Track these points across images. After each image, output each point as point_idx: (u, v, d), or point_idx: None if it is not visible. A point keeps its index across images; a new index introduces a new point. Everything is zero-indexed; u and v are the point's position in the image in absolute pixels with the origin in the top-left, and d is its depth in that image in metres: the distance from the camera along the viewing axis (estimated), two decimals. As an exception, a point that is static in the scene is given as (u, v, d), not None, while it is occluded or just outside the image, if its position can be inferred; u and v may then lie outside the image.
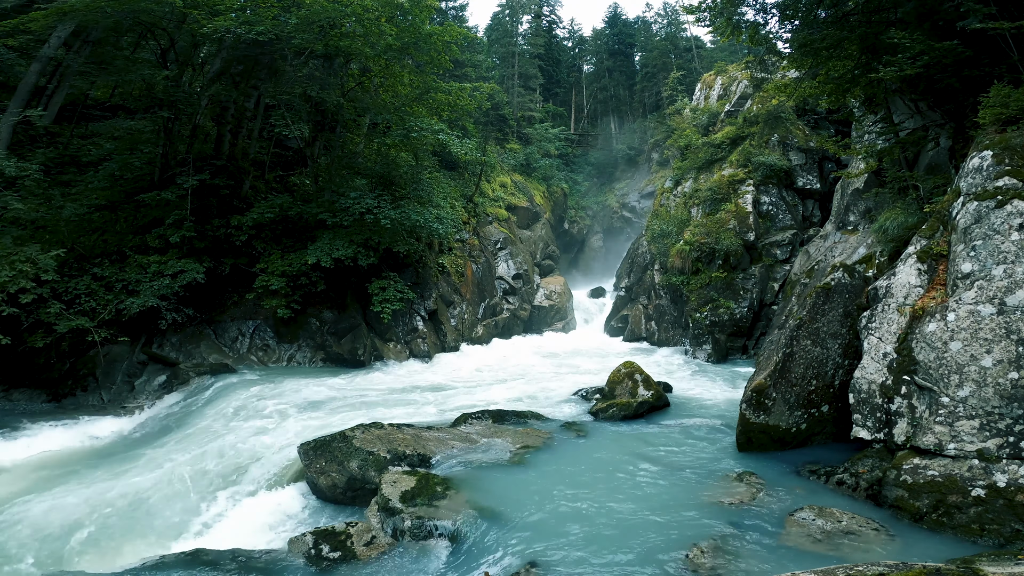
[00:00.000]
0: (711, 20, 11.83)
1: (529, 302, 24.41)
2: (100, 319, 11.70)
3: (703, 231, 18.25)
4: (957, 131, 9.35)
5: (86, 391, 11.95)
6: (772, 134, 19.41)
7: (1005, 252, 5.93)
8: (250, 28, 13.18)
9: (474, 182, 24.77)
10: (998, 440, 5.53)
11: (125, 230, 13.54)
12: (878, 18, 9.48)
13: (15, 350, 11.08)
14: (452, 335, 18.93)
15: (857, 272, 8.23)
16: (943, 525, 5.39)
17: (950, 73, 8.43)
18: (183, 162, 14.44)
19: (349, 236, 14.55)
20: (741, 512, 5.83)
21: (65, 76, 13.78)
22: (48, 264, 10.56)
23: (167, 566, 5.38)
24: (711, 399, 11.38)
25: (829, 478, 6.59)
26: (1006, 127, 6.90)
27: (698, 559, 4.85)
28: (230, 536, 6.36)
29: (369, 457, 7.26)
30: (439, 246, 20.00)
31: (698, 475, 6.96)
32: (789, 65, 12.21)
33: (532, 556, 5.04)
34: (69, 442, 9.46)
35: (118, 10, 12.10)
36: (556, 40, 50.65)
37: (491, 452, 7.82)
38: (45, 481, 7.74)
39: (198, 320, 13.87)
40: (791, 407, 7.56)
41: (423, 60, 17.24)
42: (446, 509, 6.02)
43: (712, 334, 16.91)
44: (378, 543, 5.69)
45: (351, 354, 14.86)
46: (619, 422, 9.59)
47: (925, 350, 6.21)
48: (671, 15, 46.73)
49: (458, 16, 36.99)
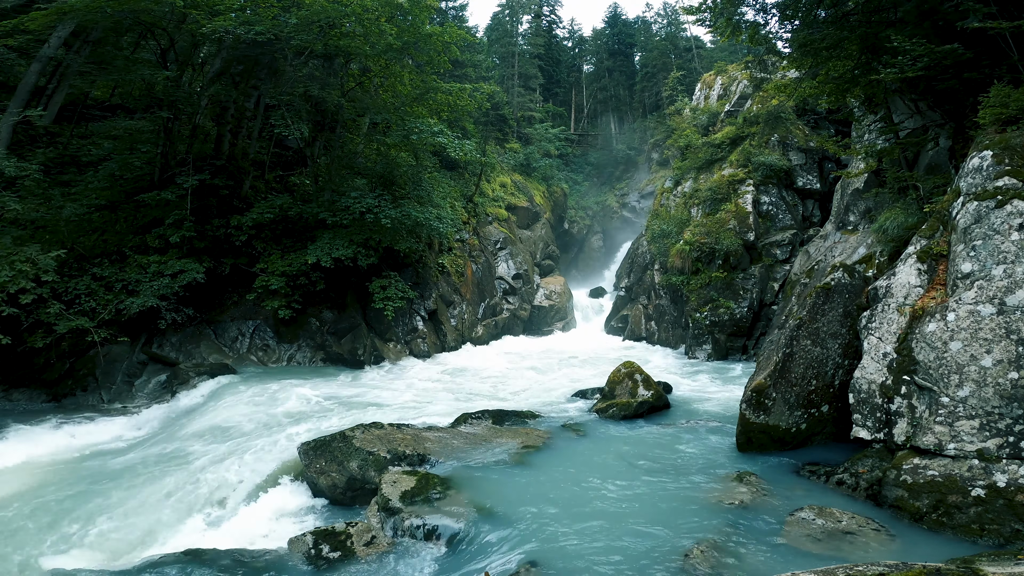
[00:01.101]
0: (711, 20, 11.82)
1: (529, 302, 24.41)
2: (100, 319, 11.69)
3: (703, 231, 18.25)
4: (957, 131, 9.35)
5: (86, 391, 11.95)
6: (772, 134, 19.41)
7: (1005, 252, 5.93)
8: (250, 28, 13.18)
9: (474, 182, 24.78)
10: (998, 440, 5.53)
11: (125, 230, 13.54)
12: (878, 18, 9.48)
13: (15, 350, 11.07)
14: (452, 335, 18.93)
15: (857, 272, 8.23)
16: (943, 525, 5.39)
17: (950, 74, 8.43)
18: (183, 162, 14.44)
19: (349, 236, 14.56)
20: (741, 512, 5.83)
21: (65, 76, 13.77)
22: (48, 264, 10.55)
23: (167, 566, 5.38)
24: (711, 399, 11.38)
25: (829, 478, 6.59)
26: (1006, 127, 6.90)
27: (698, 559, 4.85)
28: (230, 536, 6.36)
29: (369, 457, 7.26)
30: (439, 246, 20.00)
31: (698, 475, 6.96)
32: (789, 65, 12.21)
33: (532, 556, 5.03)
34: (68, 442, 9.45)
35: (118, 10, 12.09)
36: (556, 40, 50.67)
37: (491, 452, 7.82)
38: (45, 481, 7.73)
39: (198, 320, 13.88)
40: (791, 407, 7.56)
41: (423, 60, 17.25)
42: (446, 509, 6.02)
43: (712, 334, 16.91)
44: (378, 543, 5.69)
45: (351, 354, 14.86)
46: (619, 422, 9.59)
47: (925, 350, 6.21)
48: (671, 15, 46.74)
49: (458, 16, 37.00)
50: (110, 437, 9.98)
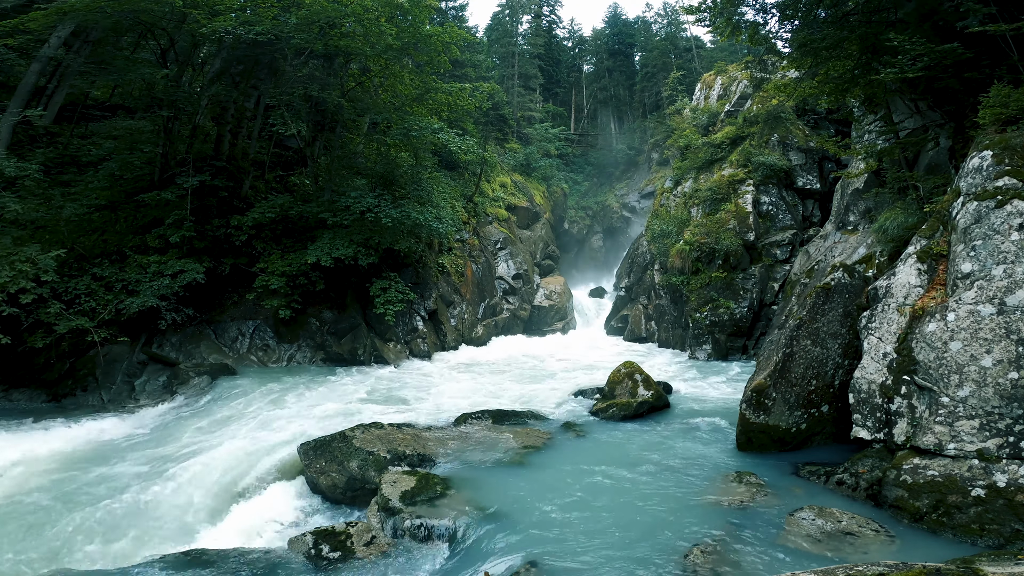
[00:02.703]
0: (711, 20, 11.82)
1: (529, 302, 24.41)
2: (100, 319, 11.69)
3: (703, 231, 18.25)
4: (957, 131, 9.35)
5: (86, 391, 11.94)
6: (772, 134, 19.41)
7: (1005, 252, 5.93)
8: (250, 28, 13.18)
9: (474, 182, 24.78)
10: (998, 440, 5.53)
11: (125, 230, 13.54)
12: (878, 18, 9.49)
13: (15, 350, 11.07)
14: (452, 335, 18.93)
15: (857, 272, 8.23)
16: (943, 525, 5.39)
17: (950, 74, 8.43)
18: (183, 162, 14.44)
19: (349, 236, 14.56)
20: (741, 512, 5.83)
21: (65, 76, 13.77)
22: (48, 264, 10.55)
23: (167, 566, 5.38)
24: (711, 399, 11.38)
25: (829, 478, 6.59)
26: (1006, 127, 6.90)
27: (698, 559, 4.85)
28: (230, 536, 6.37)
29: (369, 457, 7.26)
30: (439, 246, 20.00)
31: (698, 475, 6.96)
32: (789, 65, 12.20)
33: (532, 556, 5.03)
34: (68, 442, 9.44)
35: (118, 10, 12.10)
36: (556, 40, 50.64)
37: (491, 452, 7.82)
38: (44, 481, 7.73)
39: (198, 320, 13.87)
40: (791, 407, 7.56)
41: (423, 60, 17.25)
42: (446, 509, 6.02)
43: (712, 334, 16.91)
44: (378, 543, 5.69)
45: (351, 354, 14.86)
46: (619, 422, 9.59)
47: (925, 350, 6.21)
48: (671, 15, 46.73)
49: (458, 16, 36.98)
50: (110, 437, 9.97)
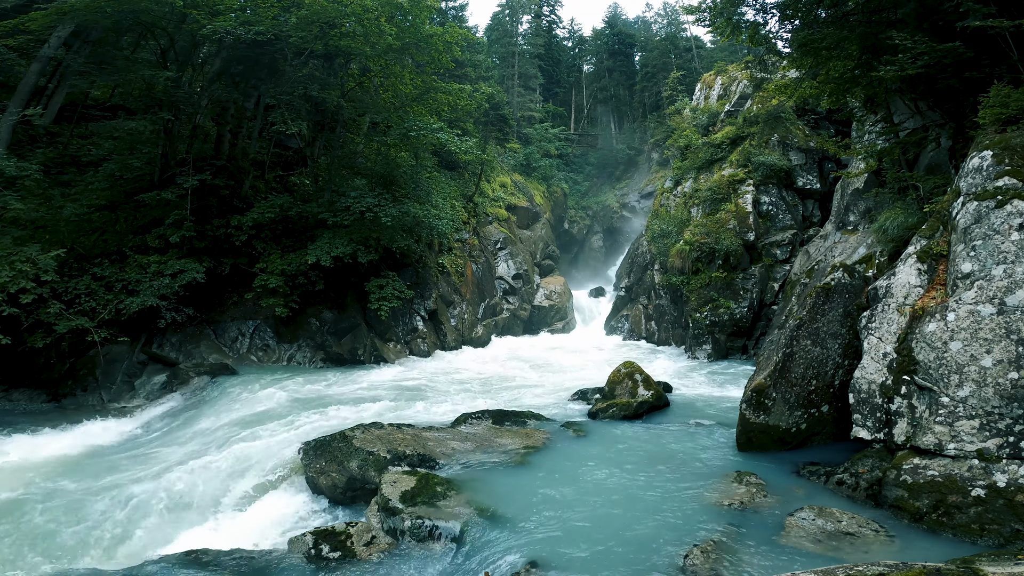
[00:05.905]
0: (711, 20, 11.82)
1: (529, 302, 24.41)
2: (100, 319, 11.69)
3: (703, 231, 18.24)
4: (957, 131, 9.35)
5: (86, 391, 11.95)
6: (772, 134, 19.41)
7: (1005, 252, 5.92)
8: (250, 28, 13.18)
9: (474, 182, 24.77)
10: (998, 440, 5.53)
11: (125, 230, 13.54)
12: (878, 18, 9.48)
13: (15, 350, 11.07)
14: (452, 335, 18.93)
15: (857, 272, 8.22)
16: (943, 525, 5.39)
17: (950, 73, 8.42)
18: (183, 162, 14.45)
19: (349, 235, 14.56)
20: (741, 512, 5.83)
21: (65, 76, 13.77)
22: (48, 264, 10.56)
23: (167, 566, 5.37)
24: (711, 399, 11.37)
25: (829, 478, 6.58)
26: (1006, 127, 6.89)
27: (697, 559, 4.85)
28: (230, 536, 6.36)
29: (369, 457, 7.25)
30: (439, 246, 20.00)
31: (698, 475, 6.96)
32: (789, 65, 12.21)
33: (532, 556, 5.03)
34: (69, 442, 9.45)
35: (118, 10, 12.10)
36: (556, 40, 50.65)
37: (491, 452, 7.81)
38: (44, 481, 7.73)
39: (198, 320, 13.88)
40: (791, 407, 7.56)
41: (423, 60, 17.25)
42: (446, 509, 6.02)
43: (712, 334, 16.91)
44: (378, 543, 5.68)
45: (351, 354, 14.86)
46: (619, 422, 9.58)
47: (925, 350, 6.21)
48: (671, 15, 46.79)
49: (458, 16, 36.99)
50: (110, 437, 9.98)
